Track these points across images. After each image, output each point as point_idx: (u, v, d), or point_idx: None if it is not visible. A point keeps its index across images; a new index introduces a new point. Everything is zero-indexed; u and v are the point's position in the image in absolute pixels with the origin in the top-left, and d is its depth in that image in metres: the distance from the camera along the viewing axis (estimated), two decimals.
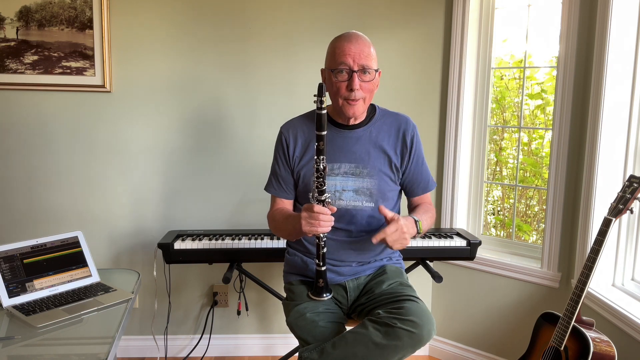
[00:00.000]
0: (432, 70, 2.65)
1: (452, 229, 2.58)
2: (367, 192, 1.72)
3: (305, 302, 1.69)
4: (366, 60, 1.62)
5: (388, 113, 1.81)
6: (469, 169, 2.67)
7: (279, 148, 1.80)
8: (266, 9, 2.56)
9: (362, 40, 1.65)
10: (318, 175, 1.55)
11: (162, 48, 2.54)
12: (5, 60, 2.48)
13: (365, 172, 1.72)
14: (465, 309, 2.68)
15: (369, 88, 1.67)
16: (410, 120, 1.81)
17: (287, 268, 1.88)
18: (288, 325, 1.69)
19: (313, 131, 1.72)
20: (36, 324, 1.49)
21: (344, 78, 1.63)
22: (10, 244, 1.69)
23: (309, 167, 1.74)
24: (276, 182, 1.82)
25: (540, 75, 2.71)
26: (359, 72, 1.62)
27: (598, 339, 1.71)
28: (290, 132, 1.78)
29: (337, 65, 1.63)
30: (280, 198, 1.82)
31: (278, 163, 1.80)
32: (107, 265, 2.65)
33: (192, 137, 2.61)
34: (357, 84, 1.62)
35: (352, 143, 1.73)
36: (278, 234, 1.85)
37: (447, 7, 2.60)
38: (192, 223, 2.66)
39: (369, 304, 1.69)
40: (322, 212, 1.54)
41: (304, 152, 1.76)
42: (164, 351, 2.70)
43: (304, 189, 1.76)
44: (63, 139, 2.57)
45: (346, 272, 1.76)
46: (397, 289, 1.67)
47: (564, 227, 2.34)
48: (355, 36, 1.65)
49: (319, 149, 1.54)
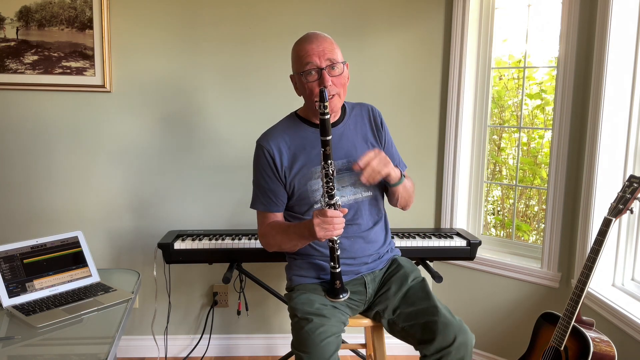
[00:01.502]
0: (432, 70, 2.65)
1: (452, 229, 2.58)
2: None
3: (317, 295, 1.71)
4: (331, 54, 1.64)
5: (355, 105, 1.86)
6: (469, 168, 2.67)
7: (264, 164, 1.75)
8: (266, 12, 2.55)
9: (322, 38, 1.67)
10: (327, 180, 1.55)
11: (162, 48, 2.54)
12: (5, 60, 2.48)
13: None
14: (465, 309, 2.68)
15: (341, 82, 1.68)
16: (373, 106, 1.87)
17: (296, 272, 1.82)
18: (290, 309, 1.71)
19: (295, 139, 1.75)
20: (36, 324, 1.49)
21: (314, 78, 1.64)
22: (10, 244, 1.69)
23: (302, 175, 1.73)
24: (264, 197, 1.78)
25: (539, 75, 2.71)
26: (327, 68, 1.63)
27: (598, 339, 1.71)
28: (272, 144, 1.74)
29: (305, 67, 1.64)
30: (272, 212, 1.79)
31: (265, 178, 1.76)
32: (107, 265, 2.65)
33: (192, 137, 2.61)
34: (329, 80, 1.63)
35: (337, 139, 1.74)
36: (276, 249, 1.79)
37: (447, 7, 2.60)
38: (192, 223, 2.66)
39: (400, 306, 1.72)
40: (335, 216, 1.55)
41: (292, 161, 1.74)
42: (164, 351, 2.70)
43: (300, 197, 1.75)
44: (63, 139, 2.57)
45: (363, 269, 1.79)
46: (423, 304, 1.68)
47: (564, 227, 2.34)
48: (315, 35, 1.68)
49: (326, 154, 1.54)
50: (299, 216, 1.79)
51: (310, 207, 1.75)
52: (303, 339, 1.59)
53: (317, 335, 1.57)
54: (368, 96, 2.45)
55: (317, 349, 1.55)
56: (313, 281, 1.79)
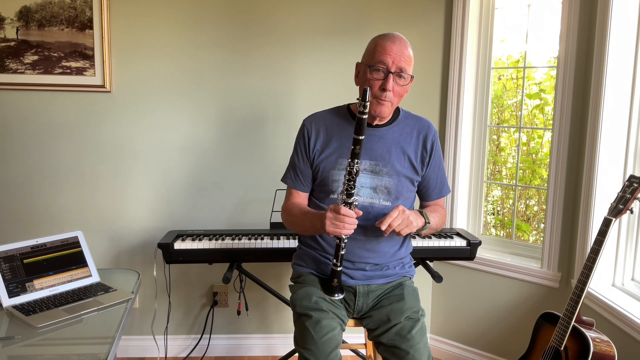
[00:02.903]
0: (432, 70, 2.65)
1: (452, 229, 2.58)
2: (385, 190, 1.72)
3: (314, 288, 1.71)
4: (404, 64, 1.63)
5: (411, 116, 1.82)
6: (469, 168, 2.67)
7: (300, 140, 1.79)
8: (266, 12, 2.56)
9: (404, 44, 1.65)
10: (350, 178, 1.55)
11: (162, 48, 2.54)
12: (5, 60, 2.48)
13: (385, 170, 1.72)
14: (465, 309, 2.68)
15: (400, 92, 1.67)
16: (432, 125, 1.81)
17: (298, 261, 1.86)
18: (291, 303, 1.71)
19: (336, 126, 1.75)
20: (36, 324, 1.49)
21: (380, 77, 1.63)
22: (10, 244, 1.69)
23: (329, 161, 1.73)
24: (294, 173, 1.81)
25: (538, 75, 2.71)
26: (395, 74, 1.62)
27: (598, 339, 1.71)
28: (313, 125, 1.78)
29: (376, 63, 1.63)
30: (297, 190, 1.82)
31: (298, 155, 1.80)
32: (107, 265, 2.65)
33: (191, 137, 2.61)
34: (391, 85, 1.62)
35: (374, 141, 1.73)
36: (292, 228, 1.83)
37: (447, 7, 2.60)
38: (192, 223, 2.66)
39: (385, 333, 1.65)
40: (348, 215, 1.54)
41: (325, 146, 1.75)
42: (164, 351, 2.71)
43: (321, 182, 1.76)
44: (63, 139, 2.57)
45: (359, 276, 1.75)
46: (403, 347, 1.61)
47: (564, 227, 2.34)
48: (399, 39, 1.65)
49: (354, 152, 1.53)
50: (316, 202, 1.79)
51: (327, 196, 1.74)
52: (304, 336, 1.61)
53: (317, 331, 1.58)
54: None
55: (317, 346, 1.56)
56: (311, 271, 1.80)
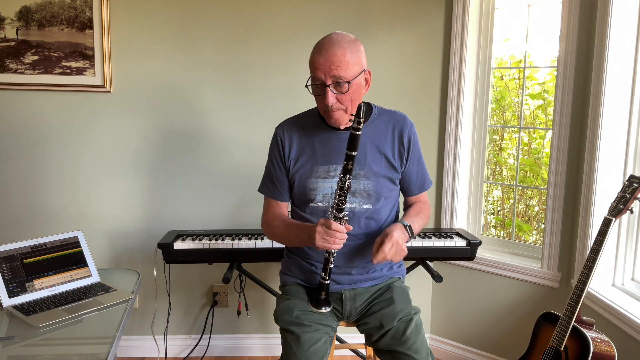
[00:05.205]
0: (432, 70, 2.65)
1: (452, 229, 2.58)
2: (364, 193, 1.68)
3: (298, 300, 1.69)
4: (338, 71, 1.53)
5: (385, 112, 1.76)
6: (469, 169, 2.67)
7: (275, 149, 1.74)
8: (266, 12, 2.56)
9: (333, 50, 1.53)
10: (340, 194, 1.52)
11: (162, 48, 2.54)
12: (5, 60, 2.48)
13: (362, 173, 1.67)
14: (465, 309, 2.68)
15: (348, 98, 1.58)
16: (407, 119, 1.74)
17: (284, 269, 1.85)
18: (274, 317, 1.70)
19: (309, 133, 1.72)
20: (36, 324, 1.49)
21: (318, 92, 1.59)
22: (10, 244, 1.69)
23: (304, 170, 1.70)
24: (271, 183, 1.77)
25: (541, 75, 2.71)
26: (332, 85, 1.55)
27: (598, 339, 1.71)
28: (285, 132, 1.73)
29: (312, 80, 1.59)
30: (276, 200, 1.78)
31: (273, 164, 1.76)
32: (107, 265, 2.65)
33: (192, 137, 2.61)
34: (331, 99, 1.56)
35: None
36: (275, 240, 1.81)
37: (447, 7, 2.60)
38: (192, 223, 2.66)
39: (382, 339, 1.63)
40: (339, 231, 1.52)
41: (299, 154, 1.71)
42: (164, 351, 2.71)
43: (299, 192, 1.72)
44: (63, 139, 2.57)
45: (344, 280, 1.72)
46: (399, 350, 1.60)
47: (564, 227, 2.34)
48: (327, 45, 1.55)
49: (347, 168, 1.50)
50: (299, 212, 1.76)
51: (307, 204, 1.71)
52: (287, 351, 1.61)
53: (299, 347, 1.57)
54: (368, 96, 2.45)
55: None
56: (297, 281, 1.78)
